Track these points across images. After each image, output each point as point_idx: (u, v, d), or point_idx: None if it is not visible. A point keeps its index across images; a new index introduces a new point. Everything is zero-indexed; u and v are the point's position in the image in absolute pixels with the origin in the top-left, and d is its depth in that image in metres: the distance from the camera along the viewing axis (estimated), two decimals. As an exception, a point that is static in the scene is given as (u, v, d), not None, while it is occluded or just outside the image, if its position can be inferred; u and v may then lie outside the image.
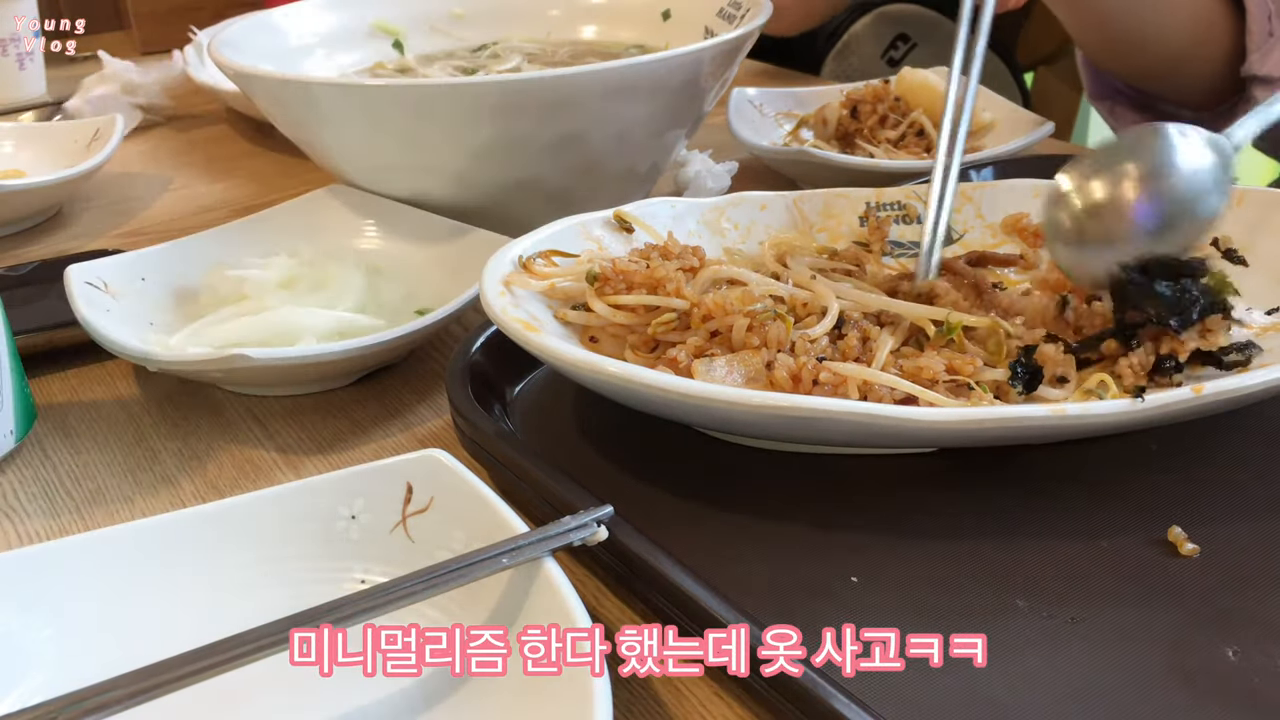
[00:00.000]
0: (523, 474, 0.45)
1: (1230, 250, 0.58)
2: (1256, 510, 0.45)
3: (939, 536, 0.43)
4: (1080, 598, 0.40)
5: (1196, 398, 0.44)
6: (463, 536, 0.40)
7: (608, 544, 0.40)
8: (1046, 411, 0.43)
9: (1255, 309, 0.54)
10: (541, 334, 0.46)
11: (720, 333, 0.49)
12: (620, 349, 0.51)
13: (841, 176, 0.74)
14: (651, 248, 0.54)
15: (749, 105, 0.94)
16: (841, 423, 0.42)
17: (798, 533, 0.44)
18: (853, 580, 0.41)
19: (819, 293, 0.51)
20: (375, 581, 0.39)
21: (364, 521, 0.41)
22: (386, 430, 0.55)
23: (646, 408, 0.46)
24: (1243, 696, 0.35)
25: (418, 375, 0.60)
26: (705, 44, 0.67)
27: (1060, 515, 0.45)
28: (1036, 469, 0.47)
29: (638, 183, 0.75)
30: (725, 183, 0.83)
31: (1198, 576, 0.41)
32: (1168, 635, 0.38)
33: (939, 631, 0.37)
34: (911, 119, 0.86)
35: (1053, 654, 0.37)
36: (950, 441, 0.46)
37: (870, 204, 0.63)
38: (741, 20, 0.79)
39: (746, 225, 0.61)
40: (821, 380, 0.45)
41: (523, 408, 0.54)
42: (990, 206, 0.63)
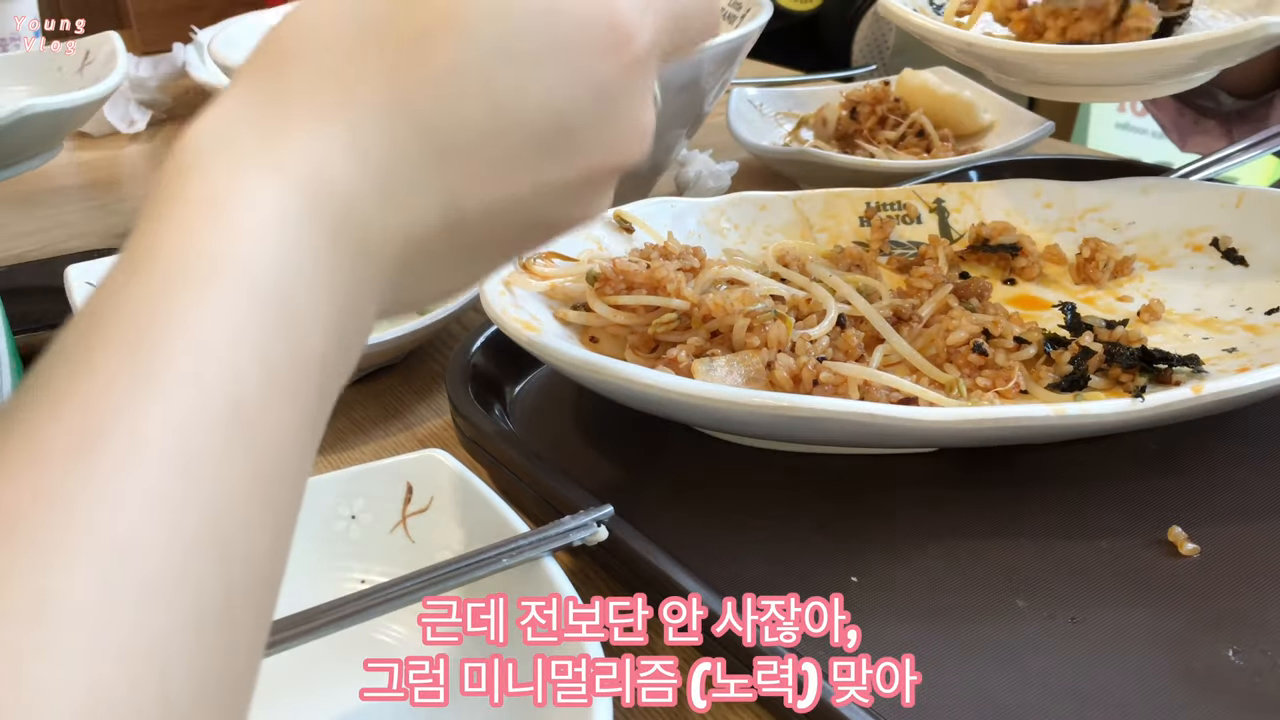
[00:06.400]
0: (523, 474, 0.45)
1: (1230, 250, 0.58)
2: (1256, 510, 0.45)
3: (939, 536, 0.43)
4: (1080, 598, 0.40)
5: (1196, 398, 0.44)
6: (463, 536, 0.40)
7: (608, 544, 0.40)
8: (1047, 411, 0.43)
9: (1256, 309, 0.54)
10: (541, 334, 0.46)
11: (720, 333, 0.49)
12: (620, 349, 0.51)
13: (841, 176, 0.74)
14: (651, 248, 0.54)
15: (749, 105, 0.94)
16: (841, 423, 0.42)
17: (798, 533, 0.44)
18: (853, 580, 0.41)
19: (819, 296, 0.51)
20: (375, 581, 0.39)
21: (364, 521, 0.41)
22: (386, 430, 0.55)
23: (646, 408, 0.46)
24: (1243, 696, 0.35)
25: (418, 375, 0.60)
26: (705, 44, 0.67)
27: (1060, 515, 0.45)
28: (1036, 469, 0.47)
29: (638, 183, 0.75)
30: (725, 183, 0.83)
31: (1198, 576, 0.41)
32: (1168, 635, 0.38)
33: (939, 632, 0.37)
34: (911, 119, 0.86)
35: (1053, 654, 0.37)
36: (950, 441, 0.46)
37: (870, 204, 0.63)
38: (741, 20, 0.79)
39: (746, 225, 0.61)
40: (822, 380, 0.45)
41: (523, 408, 0.54)
42: (990, 206, 0.63)
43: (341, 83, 0.24)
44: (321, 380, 0.23)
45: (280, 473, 0.21)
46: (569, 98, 0.26)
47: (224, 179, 0.22)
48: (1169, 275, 0.59)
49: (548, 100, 0.25)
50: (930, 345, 0.50)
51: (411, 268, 0.26)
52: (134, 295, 0.21)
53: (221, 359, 0.20)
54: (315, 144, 0.23)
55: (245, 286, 0.21)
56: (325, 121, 0.24)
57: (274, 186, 0.22)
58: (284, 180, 0.23)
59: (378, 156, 0.24)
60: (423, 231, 0.25)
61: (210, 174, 0.22)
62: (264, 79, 0.24)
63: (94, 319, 0.20)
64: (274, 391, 0.21)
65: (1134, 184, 0.63)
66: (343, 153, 0.23)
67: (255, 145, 0.23)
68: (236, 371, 0.20)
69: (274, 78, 0.24)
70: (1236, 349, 0.51)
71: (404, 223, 0.25)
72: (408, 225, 0.25)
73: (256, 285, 0.21)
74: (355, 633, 0.35)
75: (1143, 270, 0.59)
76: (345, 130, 0.24)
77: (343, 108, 0.24)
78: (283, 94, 0.24)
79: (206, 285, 0.21)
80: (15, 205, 0.86)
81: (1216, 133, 0.87)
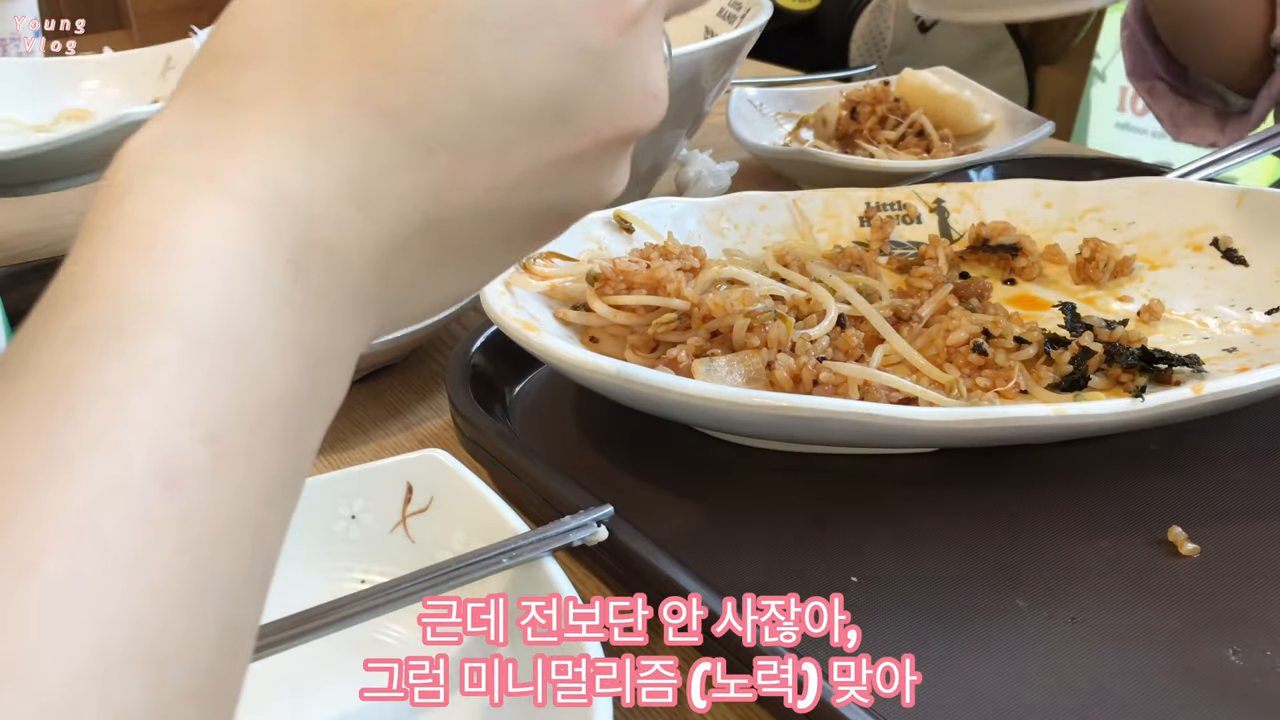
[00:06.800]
0: (523, 474, 0.45)
1: (1230, 250, 0.59)
2: (1256, 510, 0.45)
3: (939, 536, 0.43)
4: (1080, 598, 0.40)
5: (1196, 398, 0.44)
6: (463, 536, 0.40)
7: (608, 544, 0.40)
8: (1047, 411, 0.43)
9: (1255, 309, 0.54)
10: (541, 334, 0.46)
11: (720, 333, 0.49)
12: (620, 349, 0.51)
13: (841, 176, 0.74)
14: (652, 248, 0.54)
15: (749, 105, 0.94)
16: (841, 423, 0.42)
17: (798, 533, 0.44)
18: (853, 580, 0.41)
19: (819, 296, 0.51)
20: (375, 581, 0.39)
21: (364, 521, 0.41)
22: (386, 430, 0.55)
23: (646, 408, 0.46)
24: (1243, 696, 0.35)
25: (418, 375, 0.60)
26: (705, 44, 0.67)
27: (1060, 515, 0.45)
28: (1036, 469, 0.47)
29: (637, 183, 0.75)
30: (725, 183, 0.83)
31: (1198, 576, 0.41)
32: (1168, 635, 0.38)
33: (940, 632, 0.37)
34: (911, 119, 0.86)
35: (1053, 654, 0.37)
36: (950, 441, 0.46)
37: (870, 204, 0.63)
38: (741, 20, 0.79)
39: (746, 225, 0.61)
40: (822, 380, 0.45)
41: (523, 408, 0.54)
42: (990, 206, 0.63)
43: (297, 80, 0.21)
44: (289, 421, 0.20)
45: (233, 539, 0.18)
46: (561, 72, 0.23)
47: (160, 206, 0.19)
48: (1169, 275, 0.59)
49: (536, 76, 0.23)
50: (930, 345, 0.50)
51: (396, 278, 0.23)
52: (52, 350, 0.18)
53: (147, 424, 0.17)
54: (268, 154, 0.21)
55: (185, 334, 0.18)
56: (279, 127, 0.21)
57: (219, 210, 0.20)
58: (230, 201, 0.20)
59: (343, 160, 0.21)
60: (404, 237, 0.22)
61: (144, 200, 0.20)
62: (208, 84, 0.22)
63: (3, 376, 0.18)
64: (224, 449, 0.18)
65: (1134, 184, 0.63)
66: (302, 161, 0.21)
67: (197, 162, 0.20)
68: (169, 437, 0.18)
69: (219, 81, 0.22)
70: (1236, 349, 0.51)
71: (380, 231, 0.22)
72: (385, 233, 0.22)
73: (199, 331, 0.18)
74: (355, 633, 0.35)
75: (1143, 270, 0.59)
76: (304, 134, 0.21)
77: (300, 108, 0.21)
78: (229, 100, 0.21)
79: (135, 337, 0.18)
80: (15, 205, 0.86)
81: (1211, 125, 0.88)
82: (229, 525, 0.18)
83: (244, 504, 0.19)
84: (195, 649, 0.17)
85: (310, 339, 0.21)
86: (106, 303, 0.18)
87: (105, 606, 0.16)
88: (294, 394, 0.20)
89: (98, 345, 0.18)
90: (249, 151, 0.20)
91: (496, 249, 0.26)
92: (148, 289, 0.19)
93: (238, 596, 0.19)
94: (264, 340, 0.20)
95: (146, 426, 0.17)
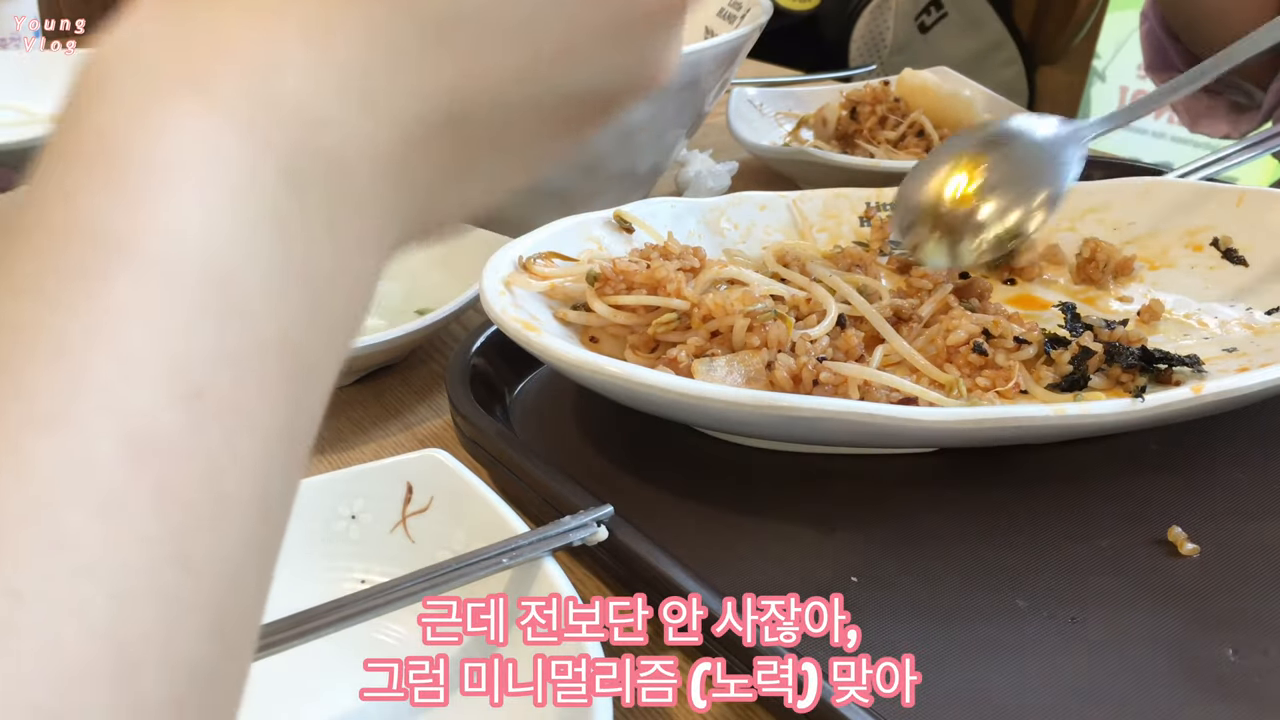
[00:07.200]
0: (523, 474, 0.45)
1: (1230, 250, 0.59)
2: (1256, 510, 0.45)
3: (939, 536, 0.43)
4: (1080, 598, 0.40)
5: (1196, 398, 0.44)
6: (463, 536, 0.40)
7: (608, 544, 0.40)
8: (1047, 411, 0.43)
9: (1255, 309, 0.54)
10: (541, 334, 0.46)
11: (720, 333, 0.49)
12: (620, 349, 0.51)
13: (841, 176, 0.74)
14: (652, 248, 0.54)
15: (749, 105, 0.94)
16: (841, 423, 0.42)
17: (798, 533, 0.44)
18: (853, 580, 0.41)
19: (819, 296, 0.51)
20: (375, 581, 0.39)
21: (364, 521, 0.41)
22: (386, 430, 0.55)
23: (646, 408, 0.46)
24: (1243, 696, 0.35)
25: (418, 375, 0.60)
26: (705, 44, 0.67)
27: (1060, 515, 0.45)
28: (1036, 469, 0.47)
29: (638, 183, 0.75)
30: (725, 183, 0.83)
31: (1198, 576, 0.41)
32: (1168, 635, 0.38)
33: (940, 632, 0.36)
34: (911, 119, 0.86)
35: (1053, 654, 0.37)
36: (950, 441, 0.46)
37: (870, 204, 0.63)
38: (741, 20, 0.79)
39: (746, 225, 0.61)
40: (822, 380, 0.45)
41: (523, 408, 0.54)
42: (990, 206, 0.63)
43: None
44: (288, 366, 0.17)
45: (224, 519, 0.16)
46: None
47: (126, 119, 0.17)
48: (1169, 275, 0.59)
49: None
50: (930, 345, 0.50)
51: (416, 185, 0.20)
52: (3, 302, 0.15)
53: (112, 388, 0.15)
54: (254, 51, 0.17)
55: (159, 275, 0.16)
56: (267, 19, 0.18)
57: (196, 120, 0.17)
58: (210, 109, 0.17)
59: (343, 52, 0.18)
60: (420, 138, 0.19)
61: (109, 113, 0.17)
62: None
63: None
64: (207, 409, 0.16)
65: (1134, 184, 0.63)
66: (294, 56, 0.18)
67: (170, 66, 0.17)
68: (139, 402, 0.15)
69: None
70: (1236, 349, 0.51)
71: (390, 133, 0.19)
72: (396, 134, 0.19)
73: (175, 270, 0.16)
74: (355, 633, 0.35)
75: (1143, 270, 0.59)
76: (295, 24, 0.18)
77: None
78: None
79: (100, 281, 0.15)
80: (15, 205, 0.86)
81: (1225, 117, 0.88)
82: (217, 504, 0.16)
83: (236, 474, 0.16)
84: (177, 656, 0.15)
85: (313, 265, 0.18)
86: (65, 242, 0.16)
87: (60, 627, 0.14)
88: (293, 333, 0.17)
89: (52, 294, 0.15)
90: (231, 49, 0.17)
91: (532, 143, 0.22)
92: (114, 222, 0.16)
93: (231, 587, 0.16)
94: (253, 273, 0.17)
95: (111, 391, 0.15)
